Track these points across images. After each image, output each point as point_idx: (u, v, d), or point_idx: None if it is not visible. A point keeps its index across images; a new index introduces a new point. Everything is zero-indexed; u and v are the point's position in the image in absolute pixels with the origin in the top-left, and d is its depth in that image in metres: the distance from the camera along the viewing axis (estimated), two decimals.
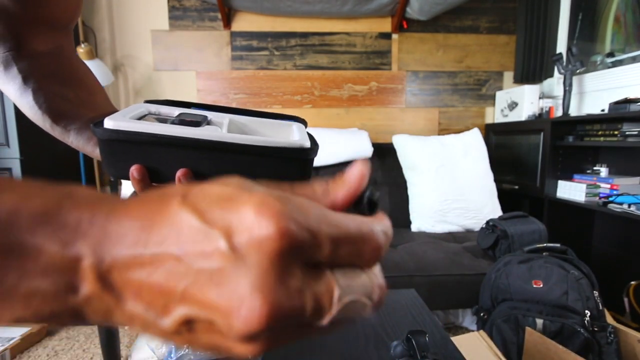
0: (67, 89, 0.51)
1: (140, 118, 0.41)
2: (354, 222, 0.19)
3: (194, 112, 0.44)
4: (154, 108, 0.45)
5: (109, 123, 0.35)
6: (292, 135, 0.44)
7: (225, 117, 0.45)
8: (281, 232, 0.16)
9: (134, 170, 0.34)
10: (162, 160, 0.36)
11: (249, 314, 0.16)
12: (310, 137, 0.44)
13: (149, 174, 0.36)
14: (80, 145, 0.51)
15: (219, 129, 0.41)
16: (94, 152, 0.50)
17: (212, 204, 0.18)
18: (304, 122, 0.51)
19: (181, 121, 0.40)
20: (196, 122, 0.40)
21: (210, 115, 0.44)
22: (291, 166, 0.40)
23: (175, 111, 0.45)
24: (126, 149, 0.36)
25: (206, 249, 0.17)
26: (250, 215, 0.17)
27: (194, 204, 0.18)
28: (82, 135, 0.51)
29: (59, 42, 0.53)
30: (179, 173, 0.34)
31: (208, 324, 0.17)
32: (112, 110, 0.51)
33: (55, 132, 0.52)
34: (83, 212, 0.18)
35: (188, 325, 0.18)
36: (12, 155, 2.05)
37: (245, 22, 2.71)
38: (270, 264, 0.16)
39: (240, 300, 0.16)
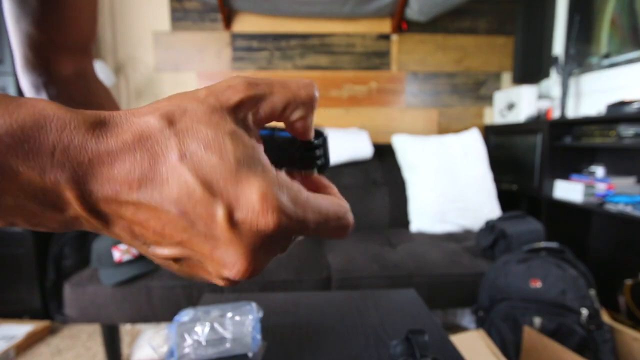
0: None
1: None
2: (332, 207, 0.24)
3: None
4: None
5: None
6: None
7: None
8: (277, 224, 0.20)
9: None
10: None
11: (236, 271, 0.21)
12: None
13: None
14: None
15: None
16: None
17: (215, 175, 0.20)
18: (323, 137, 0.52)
19: None
20: None
21: None
22: (309, 151, 0.41)
23: None
24: None
25: (207, 217, 0.20)
26: (254, 202, 0.20)
27: (197, 168, 0.19)
28: None
29: (81, 64, 0.56)
30: None
31: (198, 262, 0.22)
32: None
33: None
34: (62, 137, 0.19)
35: (178, 259, 0.22)
36: None
37: (245, 23, 2.72)
38: (261, 243, 0.20)
39: (232, 261, 0.20)
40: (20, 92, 2.05)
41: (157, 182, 0.19)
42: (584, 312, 1.33)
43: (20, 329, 1.98)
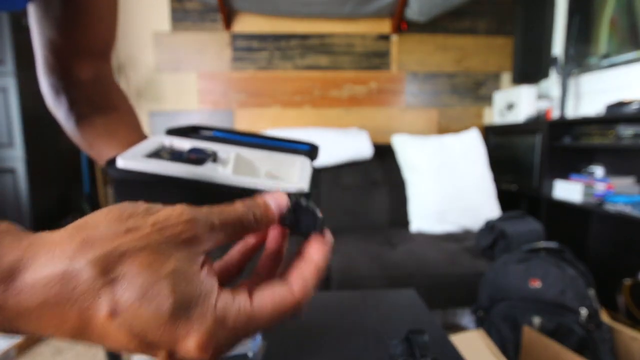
0: (103, 116, 0.57)
1: (153, 154, 0.42)
2: (276, 312, 0.24)
3: (205, 146, 0.46)
4: (168, 141, 0.47)
5: (119, 162, 0.37)
6: (293, 176, 0.46)
7: (233, 152, 0.46)
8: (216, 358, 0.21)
9: None
10: (166, 197, 0.38)
11: None
12: (314, 174, 0.46)
13: None
14: None
15: (219, 168, 0.42)
16: None
17: (150, 328, 0.19)
18: (314, 150, 0.53)
19: (186, 159, 0.41)
20: (200, 160, 0.41)
21: (220, 149, 0.46)
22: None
23: (188, 144, 0.46)
24: (133, 187, 0.38)
25: None
26: (192, 351, 0.20)
27: (129, 324, 0.19)
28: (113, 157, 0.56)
29: (100, 68, 0.58)
30: None
31: None
32: (138, 138, 0.56)
33: (92, 153, 0.58)
34: None
35: None
36: (17, 156, 2.07)
37: (245, 23, 2.72)
38: None
39: None
40: (20, 93, 2.06)
41: (93, 338, 0.20)
42: (583, 311, 1.34)
43: None
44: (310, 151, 0.54)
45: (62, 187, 2.43)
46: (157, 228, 0.21)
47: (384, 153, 2.52)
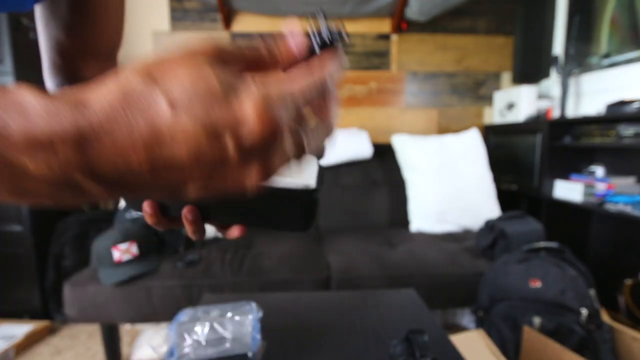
0: None
1: None
2: (308, 87, 0.24)
3: None
4: None
5: None
6: (299, 172, 0.45)
7: None
8: (276, 124, 0.22)
9: (146, 205, 0.36)
10: None
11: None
12: (320, 171, 0.45)
13: (160, 208, 0.38)
14: None
15: None
16: None
17: (209, 109, 0.21)
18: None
19: None
20: None
21: None
22: (295, 206, 0.41)
23: None
24: None
25: (219, 151, 0.22)
26: (252, 119, 0.21)
27: (190, 111, 0.21)
28: None
29: (107, 70, 0.57)
30: (185, 209, 0.35)
31: (217, 174, 0.23)
32: None
33: None
34: (51, 124, 0.20)
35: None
36: None
37: (245, 23, 2.72)
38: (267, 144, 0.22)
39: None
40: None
41: (162, 141, 0.21)
42: (584, 312, 1.33)
43: (19, 329, 1.97)
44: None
45: None
46: (184, 47, 0.23)
47: (384, 153, 2.52)
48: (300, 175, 0.41)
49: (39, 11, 0.50)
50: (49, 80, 0.55)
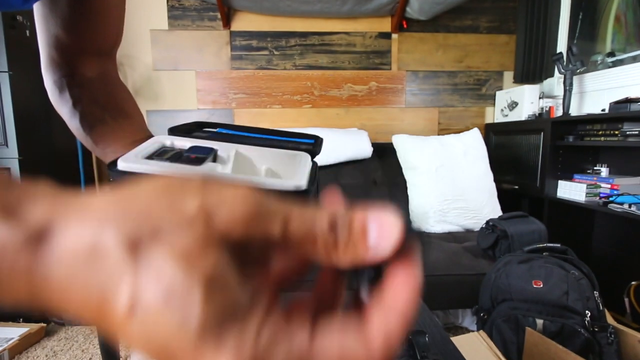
0: (107, 114, 0.57)
1: (153, 155, 0.42)
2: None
3: (204, 145, 0.46)
4: (169, 141, 0.47)
5: (121, 164, 0.38)
6: (292, 173, 0.45)
7: (233, 150, 0.46)
8: None
9: None
10: None
11: None
12: (314, 170, 0.46)
13: None
14: None
15: (218, 167, 0.42)
16: None
17: (170, 343, 0.16)
18: (317, 143, 0.56)
19: (185, 159, 0.41)
20: (200, 160, 0.41)
21: (220, 147, 0.46)
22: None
23: (189, 143, 0.46)
24: None
25: None
26: None
27: (146, 330, 0.16)
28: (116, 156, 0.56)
29: (105, 67, 0.59)
30: None
31: None
32: (143, 137, 0.54)
33: (96, 152, 0.58)
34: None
35: None
36: (11, 155, 2.05)
37: (244, 22, 2.70)
38: None
39: None
40: (13, 91, 2.03)
41: (111, 330, 0.16)
42: (588, 313, 1.31)
43: (14, 331, 1.95)
44: (314, 145, 0.55)
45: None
46: (204, 207, 0.16)
47: (384, 153, 2.50)
48: (293, 176, 0.42)
49: (38, 7, 0.50)
50: (47, 75, 0.55)
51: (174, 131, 0.49)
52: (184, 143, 0.46)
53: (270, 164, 0.48)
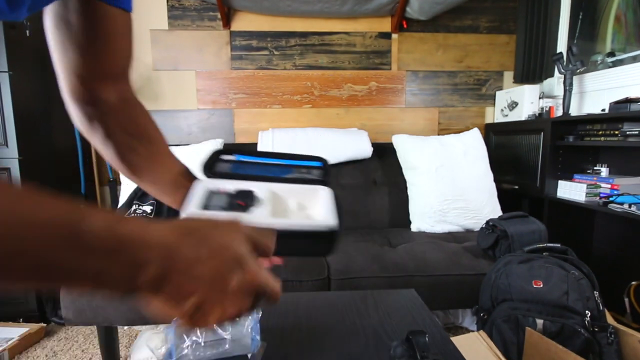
0: (136, 142, 0.61)
1: (208, 205, 0.53)
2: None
3: (243, 188, 0.57)
4: (212, 185, 0.57)
5: (183, 216, 0.49)
6: (321, 209, 0.58)
7: (268, 190, 0.58)
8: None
9: None
10: None
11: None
12: (336, 202, 0.59)
13: None
14: (157, 195, 0.64)
15: (262, 212, 0.53)
16: (172, 203, 0.62)
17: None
18: (326, 167, 0.68)
19: (235, 206, 0.53)
20: (246, 206, 0.54)
21: (256, 188, 0.57)
22: (320, 242, 0.54)
23: (229, 186, 0.57)
24: None
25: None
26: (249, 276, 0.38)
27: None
28: (155, 187, 0.63)
29: (123, 90, 0.61)
30: None
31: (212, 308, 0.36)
32: (175, 167, 0.64)
33: (133, 180, 0.63)
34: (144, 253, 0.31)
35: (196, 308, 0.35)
36: (11, 155, 2.05)
37: (244, 22, 2.70)
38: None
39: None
40: (13, 91, 2.03)
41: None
42: (588, 313, 1.31)
43: (14, 332, 1.95)
44: (324, 169, 0.66)
45: (57, 187, 2.40)
46: (248, 236, 0.40)
47: (384, 153, 2.50)
48: (323, 213, 0.56)
49: (54, 34, 0.52)
50: (72, 104, 0.57)
51: (206, 170, 0.61)
52: (225, 185, 0.57)
53: (299, 198, 0.61)
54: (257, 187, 0.57)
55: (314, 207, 0.60)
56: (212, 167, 0.62)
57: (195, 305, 0.34)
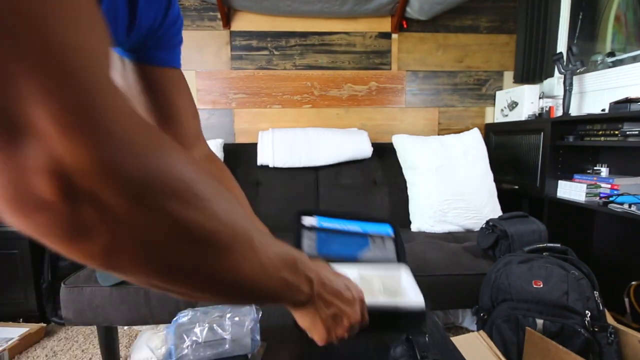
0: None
1: None
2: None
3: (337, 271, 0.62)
4: None
5: None
6: (408, 290, 0.69)
7: (357, 273, 0.72)
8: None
9: None
10: None
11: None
12: (414, 278, 0.74)
13: None
14: None
15: (374, 293, 0.67)
16: None
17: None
18: (395, 230, 0.86)
19: None
20: None
21: (347, 271, 0.63)
22: (410, 319, 0.64)
23: None
24: None
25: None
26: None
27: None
28: None
29: (203, 148, 0.69)
30: None
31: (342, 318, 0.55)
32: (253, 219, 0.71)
33: None
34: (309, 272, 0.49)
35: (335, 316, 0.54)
36: None
37: (244, 22, 2.70)
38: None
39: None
40: None
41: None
42: (588, 313, 1.31)
43: (14, 332, 1.95)
44: (396, 237, 0.84)
45: None
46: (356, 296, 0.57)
47: (384, 153, 2.50)
48: (409, 294, 0.67)
49: None
50: None
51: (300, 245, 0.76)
52: None
53: (384, 280, 0.71)
54: (348, 270, 0.64)
55: (397, 286, 0.71)
56: (299, 244, 0.74)
57: (333, 313, 0.52)
